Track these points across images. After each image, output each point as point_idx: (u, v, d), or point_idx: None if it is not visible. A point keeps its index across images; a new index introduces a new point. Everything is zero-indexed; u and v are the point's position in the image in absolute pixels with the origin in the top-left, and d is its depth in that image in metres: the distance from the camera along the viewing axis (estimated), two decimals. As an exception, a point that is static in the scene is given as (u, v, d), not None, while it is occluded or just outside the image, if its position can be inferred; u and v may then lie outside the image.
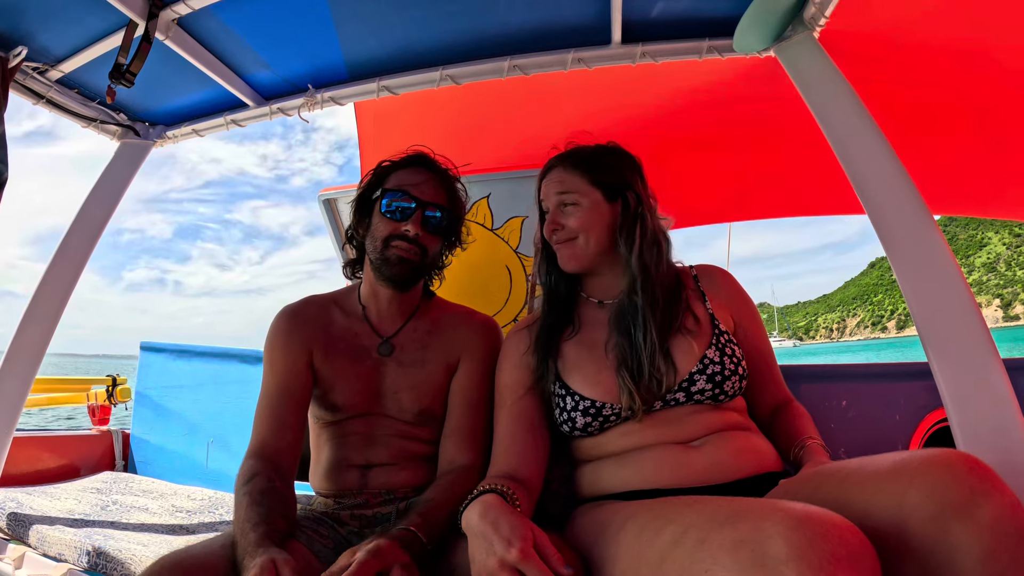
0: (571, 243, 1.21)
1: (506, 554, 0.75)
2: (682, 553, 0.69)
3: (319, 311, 1.32)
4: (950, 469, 0.71)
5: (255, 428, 1.18)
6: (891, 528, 0.72)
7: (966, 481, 0.70)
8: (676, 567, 0.69)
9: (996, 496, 0.68)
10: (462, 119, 2.36)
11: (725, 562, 0.63)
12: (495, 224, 2.17)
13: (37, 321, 1.74)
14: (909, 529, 0.71)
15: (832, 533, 0.61)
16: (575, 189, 1.21)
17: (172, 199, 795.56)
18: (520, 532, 0.77)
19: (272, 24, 1.60)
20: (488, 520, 0.81)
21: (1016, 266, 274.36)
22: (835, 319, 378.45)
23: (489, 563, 0.76)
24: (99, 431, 2.51)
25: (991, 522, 0.67)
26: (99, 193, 1.89)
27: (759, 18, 1.42)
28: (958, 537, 0.68)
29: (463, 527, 0.87)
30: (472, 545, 0.82)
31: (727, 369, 1.08)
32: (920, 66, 1.76)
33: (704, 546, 0.66)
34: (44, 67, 1.67)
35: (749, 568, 0.60)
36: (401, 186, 1.26)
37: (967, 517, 0.68)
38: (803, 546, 0.59)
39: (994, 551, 0.66)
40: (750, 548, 0.62)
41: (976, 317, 1.15)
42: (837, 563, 0.59)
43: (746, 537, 0.63)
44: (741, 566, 0.61)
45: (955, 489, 0.70)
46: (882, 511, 0.73)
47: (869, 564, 0.62)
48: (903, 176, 1.27)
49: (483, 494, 0.90)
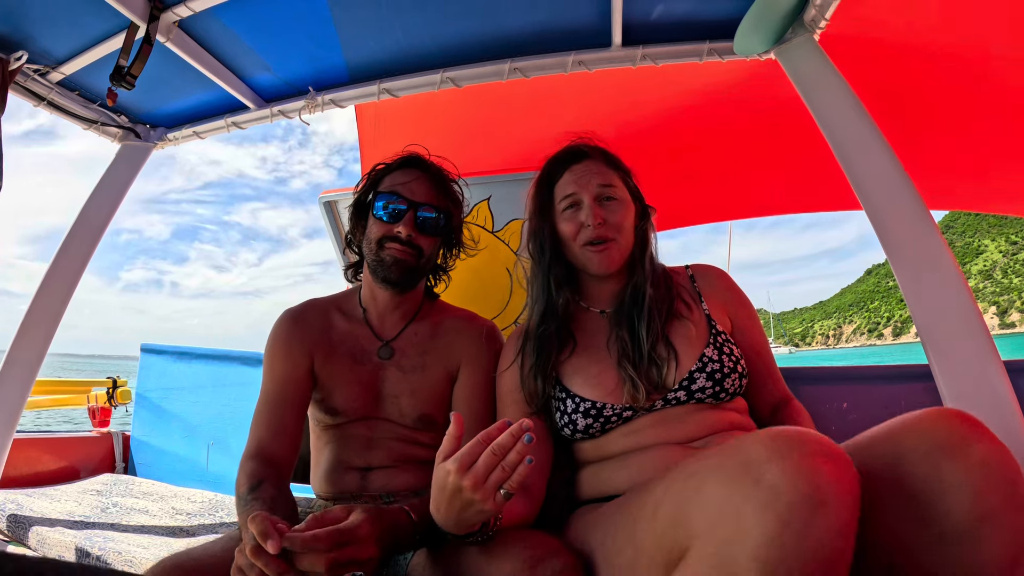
0: (614, 243, 1.15)
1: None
2: (675, 491, 0.72)
3: (320, 315, 1.31)
4: (944, 417, 0.75)
5: (253, 431, 1.18)
6: (886, 470, 0.75)
7: (958, 428, 0.73)
8: (670, 504, 0.71)
9: (986, 441, 0.71)
10: (462, 121, 2.37)
11: (715, 476, 0.67)
12: (496, 226, 2.17)
13: (38, 322, 1.74)
14: (903, 467, 0.74)
15: (809, 438, 0.65)
16: (615, 183, 1.18)
17: (171, 200, 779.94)
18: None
19: (273, 26, 1.61)
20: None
21: (1012, 274, 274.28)
22: (831, 326, 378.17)
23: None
24: (99, 433, 2.51)
25: (981, 463, 0.69)
26: (100, 194, 1.90)
27: (759, 21, 1.43)
28: (949, 476, 0.70)
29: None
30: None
31: (726, 367, 1.07)
32: (920, 69, 1.76)
33: (695, 475, 0.70)
34: (45, 69, 1.67)
35: (735, 473, 0.64)
36: (393, 187, 1.25)
37: (959, 457, 0.70)
38: (781, 448, 0.63)
39: (983, 491, 0.68)
40: (735, 459, 0.66)
41: (977, 319, 1.15)
42: (814, 457, 0.62)
43: (731, 454, 0.67)
44: (728, 474, 0.65)
45: (947, 433, 0.73)
46: (878, 459, 0.77)
47: (847, 466, 0.64)
48: (903, 178, 1.27)
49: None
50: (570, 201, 1.18)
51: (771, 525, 0.60)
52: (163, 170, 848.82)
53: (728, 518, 0.63)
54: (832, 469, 0.62)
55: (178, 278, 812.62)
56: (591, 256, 1.15)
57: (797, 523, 0.59)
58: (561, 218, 1.20)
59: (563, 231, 1.19)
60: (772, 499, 0.60)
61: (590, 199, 1.15)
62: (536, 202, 1.25)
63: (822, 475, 0.61)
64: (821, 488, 0.60)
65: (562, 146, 1.27)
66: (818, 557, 0.59)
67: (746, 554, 0.60)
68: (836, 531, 0.60)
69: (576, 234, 1.16)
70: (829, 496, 0.60)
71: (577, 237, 1.16)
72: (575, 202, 1.18)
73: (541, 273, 1.23)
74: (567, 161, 1.22)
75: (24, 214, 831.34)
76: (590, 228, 1.14)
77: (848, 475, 0.63)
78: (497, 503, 0.76)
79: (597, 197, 1.16)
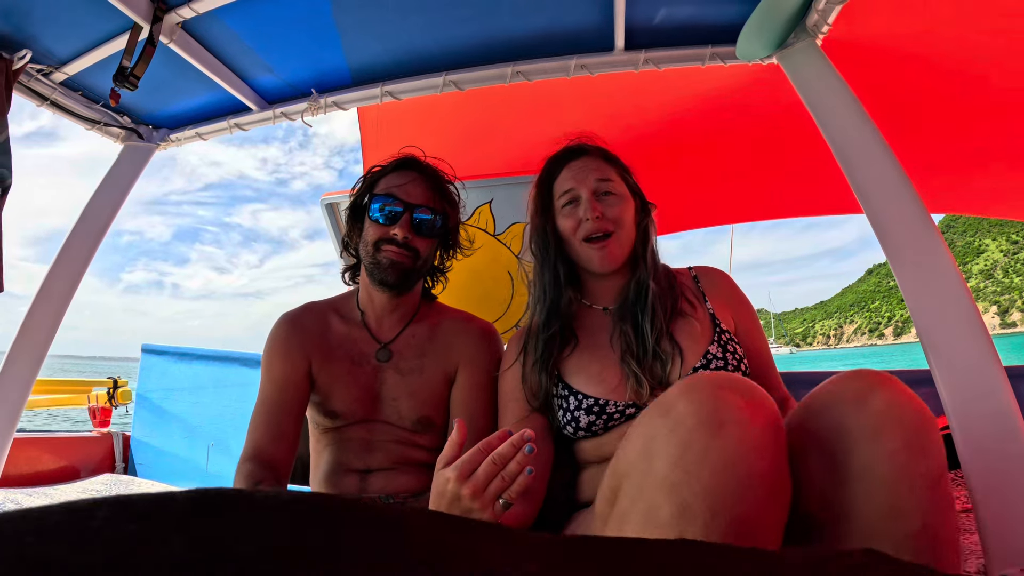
0: (614, 238, 1.15)
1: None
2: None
3: (318, 318, 1.31)
4: (854, 375, 0.79)
5: (251, 433, 1.18)
6: (801, 425, 0.79)
7: (866, 379, 0.77)
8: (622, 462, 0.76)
9: (888, 391, 0.74)
10: (464, 124, 2.37)
11: (640, 421, 0.74)
12: (497, 229, 2.18)
13: (39, 322, 1.74)
14: (814, 421, 0.79)
15: (718, 375, 0.71)
16: (613, 178, 1.18)
17: (172, 202, 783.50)
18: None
19: (276, 28, 1.61)
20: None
21: (1013, 273, 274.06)
22: (832, 326, 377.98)
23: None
24: (99, 433, 2.51)
25: (882, 408, 0.73)
26: (102, 195, 1.90)
27: (762, 25, 1.43)
28: (850, 423, 0.74)
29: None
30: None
31: (730, 364, 1.08)
32: (921, 74, 1.76)
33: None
34: (48, 69, 1.67)
35: (653, 413, 0.72)
36: (389, 190, 1.25)
37: (861, 404, 0.74)
38: (690, 384, 0.70)
39: (882, 433, 0.71)
40: (656, 404, 0.73)
41: (978, 325, 1.15)
42: (717, 389, 0.67)
43: (656, 401, 0.73)
44: (648, 415, 0.73)
45: (853, 387, 0.77)
46: (797, 417, 0.82)
47: (752, 395, 0.68)
48: (905, 182, 1.27)
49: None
50: (569, 197, 1.19)
51: (674, 449, 0.65)
52: (164, 171, 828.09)
53: (644, 452, 0.69)
54: (734, 397, 0.66)
55: (179, 280, 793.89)
56: (592, 254, 1.16)
57: (697, 445, 0.64)
58: (561, 215, 1.21)
59: (563, 227, 1.20)
60: (676, 426, 0.66)
61: (588, 194, 1.16)
62: (536, 202, 1.26)
63: (722, 401, 0.66)
64: (720, 411, 0.65)
65: (561, 146, 1.28)
66: (723, 477, 0.62)
67: (657, 481, 0.65)
68: (740, 452, 0.63)
69: (576, 229, 1.17)
70: (728, 419, 0.64)
71: (577, 232, 1.17)
72: (573, 198, 1.18)
73: (543, 271, 1.23)
74: (565, 159, 1.23)
75: (26, 216, 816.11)
76: (589, 222, 1.15)
77: (753, 403, 0.67)
78: (496, 512, 0.76)
79: (595, 192, 1.16)
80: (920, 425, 0.72)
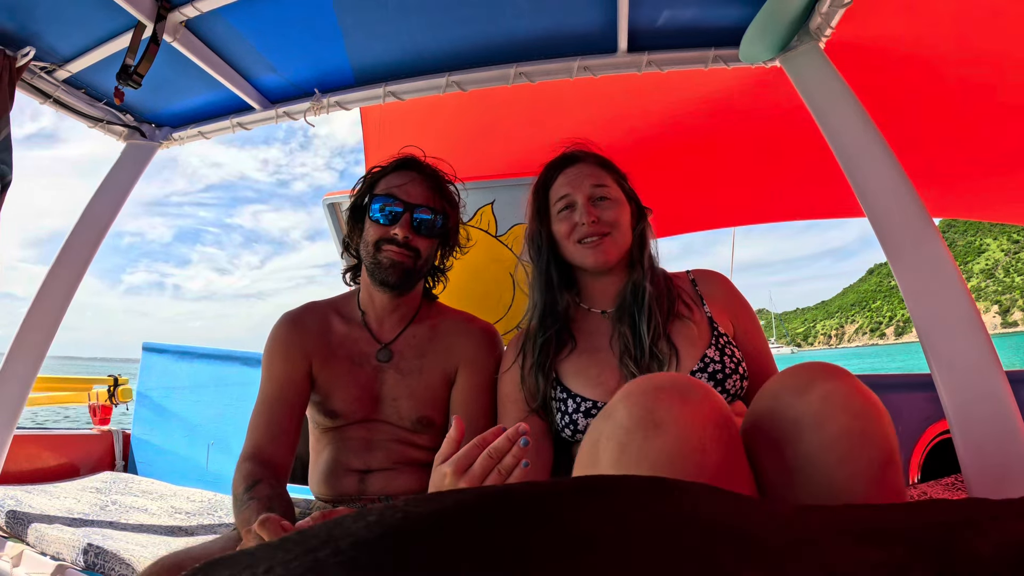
0: (609, 237, 1.17)
1: None
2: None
3: (319, 318, 1.32)
4: (802, 367, 0.80)
5: (251, 432, 1.18)
6: (751, 417, 0.81)
7: (808, 372, 0.78)
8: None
9: (832, 377, 0.75)
10: (467, 125, 2.37)
11: (592, 426, 0.76)
12: (499, 231, 2.18)
13: (39, 320, 1.74)
14: (759, 412, 0.80)
15: (659, 376, 0.72)
16: (608, 184, 1.20)
17: (173, 203, 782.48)
18: None
19: (279, 28, 1.61)
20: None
21: (1014, 272, 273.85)
22: (834, 325, 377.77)
23: None
24: (100, 431, 2.51)
25: (823, 396, 0.74)
26: (104, 194, 1.90)
27: (765, 28, 1.43)
28: (795, 409, 0.75)
29: None
30: None
31: (727, 368, 1.08)
32: (924, 77, 1.76)
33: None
34: (52, 67, 1.67)
35: (600, 417, 0.74)
36: (389, 190, 1.25)
37: (804, 393, 0.75)
38: (631, 388, 0.71)
39: (825, 422, 0.72)
40: (604, 409, 0.74)
41: (979, 329, 1.15)
42: (655, 391, 0.69)
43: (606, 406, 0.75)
44: (597, 421, 0.75)
45: (799, 378, 0.78)
46: (751, 411, 0.84)
47: (692, 394, 0.69)
48: (906, 185, 1.27)
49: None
50: (565, 203, 1.21)
51: (613, 451, 0.67)
52: (165, 173, 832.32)
53: (590, 456, 0.72)
54: (671, 398, 0.67)
55: (180, 280, 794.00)
56: (586, 252, 1.17)
57: (633, 446, 0.65)
58: (556, 219, 1.22)
59: (558, 232, 1.21)
60: (616, 429, 0.68)
61: (583, 199, 1.18)
62: (533, 207, 1.28)
63: (658, 402, 0.67)
64: (655, 412, 0.66)
65: (558, 153, 1.29)
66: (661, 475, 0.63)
67: None
68: (681, 451, 0.64)
69: (570, 233, 1.19)
70: (664, 419, 0.65)
71: (571, 235, 1.19)
72: (569, 203, 1.20)
73: (540, 275, 1.25)
74: (561, 166, 1.25)
75: (26, 217, 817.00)
76: (584, 226, 1.17)
77: (693, 402, 0.68)
78: None
79: (590, 197, 1.18)
80: (864, 413, 0.73)
